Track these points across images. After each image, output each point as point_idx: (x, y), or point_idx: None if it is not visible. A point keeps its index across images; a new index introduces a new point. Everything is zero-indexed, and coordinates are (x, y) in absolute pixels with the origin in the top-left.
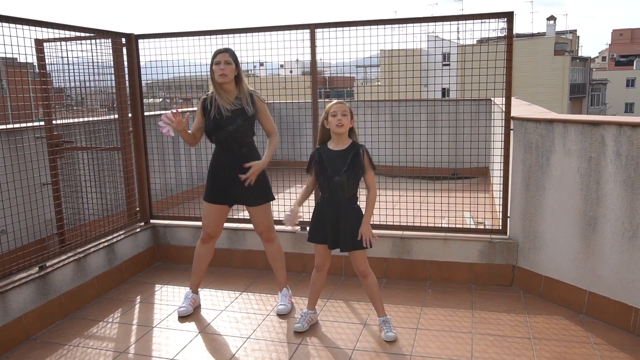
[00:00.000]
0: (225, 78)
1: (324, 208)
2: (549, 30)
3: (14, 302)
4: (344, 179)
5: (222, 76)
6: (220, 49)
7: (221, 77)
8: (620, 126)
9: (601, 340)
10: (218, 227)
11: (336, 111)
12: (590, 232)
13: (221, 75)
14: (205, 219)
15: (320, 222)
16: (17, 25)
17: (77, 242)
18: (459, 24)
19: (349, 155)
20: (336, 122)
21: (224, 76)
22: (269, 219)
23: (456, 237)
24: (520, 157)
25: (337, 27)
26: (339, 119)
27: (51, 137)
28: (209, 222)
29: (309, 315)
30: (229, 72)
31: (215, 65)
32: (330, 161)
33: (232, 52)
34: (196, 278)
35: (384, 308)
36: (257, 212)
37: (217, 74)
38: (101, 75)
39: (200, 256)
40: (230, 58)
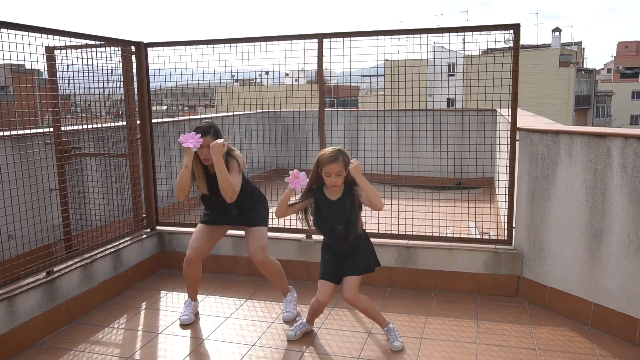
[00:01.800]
0: (210, 161)
1: (330, 250)
2: (554, 42)
3: (21, 307)
4: (348, 227)
5: (206, 160)
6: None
7: (205, 160)
8: (626, 138)
9: (606, 352)
10: (208, 245)
11: (330, 172)
12: (596, 244)
13: (204, 159)
14: (195, 236)
15: (328, 261)
16: (29, 32)
17: (83, 248)
18: (466, 35)
19: (347, 203)
20: (331, 183)
21: (208, 161)
22: (261, 240)
23: (461, 247)
24: (525, 168)
25: (344, 37)
26: (333, 180)
27: (60, 144)
28: (198, 238)
29: (305, 326)
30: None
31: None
32: (329, 210)
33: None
34: (192, 291)
35: (384, 319)
36: (250, 232)
37: (201, 157)
38: (110, 82)
39: (189, 277)
40: (212, 138)
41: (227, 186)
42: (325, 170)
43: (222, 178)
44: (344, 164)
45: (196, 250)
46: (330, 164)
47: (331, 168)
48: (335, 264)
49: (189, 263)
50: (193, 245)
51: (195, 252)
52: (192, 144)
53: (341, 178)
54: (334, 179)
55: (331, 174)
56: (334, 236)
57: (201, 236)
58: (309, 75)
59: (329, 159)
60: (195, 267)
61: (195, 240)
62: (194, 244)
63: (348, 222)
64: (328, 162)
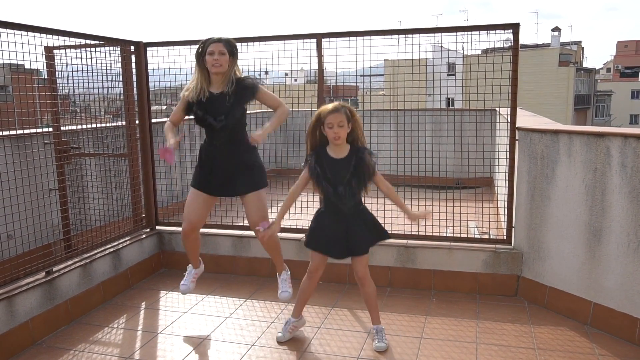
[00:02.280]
0: (219, 68)
1: (328, 218)
2: (554, 41)
3: (21, 307)
4: (348, 189)
5: (216, 67)
6: (214, 38)
7: (214, 67)
8: (626, 138)
9: (606, 351)
10: (202, 215)
11: (332, 123)
12: (595, 243)
13: (214, 65)
14: (189, 206)
15: (325, 232)
16: (29, 32)
17: (83, 248)
18: (465, 34)
19: (352, 162)
20: (333, 135)
21: (219, 67)
22: (263, 207)
23: (460, 246)
24: (525, 168)
25: (343, 37)
26: (336, 131)
27: (59, 143)
28: (193, 209)
29: (292, 323)
30: (223, 62)
31: (209, 55)
32: (331, 169)
33: (227, 41)
34: (194, 260)
35: (379, 316)
36: (249, 201)
37: (210, 64)
38: (109, 82)
39: (190, 248)
40: (224, 48)
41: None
42: (327, 121)
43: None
44: (346, 115)
45: (191, 222)
46: (332, 114)
47: (333, 118)
48: (333, 237)
49: (186, 235)
50: (189, 218)
51: (190, 225)
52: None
53: (344, 130)
54: (336, 129)
55: (333, 125)
56: (334, 199)
57: (196, 205)
58: (308, 75)
59: (331, 110)
60: (194, 237)
61: (190, 213)
62: (189, 216)
63: (349, 183)
64: (330, 112)
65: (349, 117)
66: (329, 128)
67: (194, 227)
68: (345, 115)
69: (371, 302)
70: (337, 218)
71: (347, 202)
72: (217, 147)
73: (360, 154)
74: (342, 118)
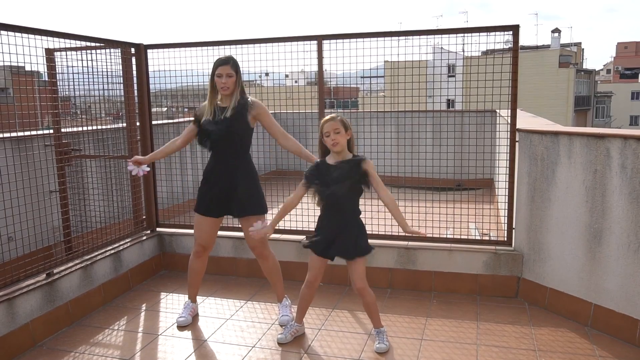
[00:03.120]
0: (227, 91)
1: (324, 221)
2: (554, 43)
3: (21, 309)
4: (341, 189)
5: (224, 89)
6: (222, 60)
7: (223, 90)
8: (626, 139)
9: (606, 353)
10: (212, 238)
11: (328, 131)
12: (596, 245)
13: (223, 88)
14: (197, 231)
15: (321, 235)
16: (29, 34)
17: (83, 250)
18: (465, 36)
19: (350, 166)
20: (331, 142)
21: (226, 89)
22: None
23: (461, 248)
24: (525, 169)
25: (343, 39)
26: (333, 138)
27: (60, 145)
28: (202, 233)
29: (295, 327)
30: (230, 85)
31: (217, 77)
32: (329, 174)
33: (234, 63)
34: (193, 289)
35: (380, 320)
36: (247, 224)
37: (219, 86)
38: (110, 84)
39: (195, 270)
40: (232, 70)
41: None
42: (325, 130)
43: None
44: (341, 123)
45: (205, 241)
46: (327, 122)
47: (328, 126)
48: (325, 238)
49: (198, 255)
50: (199, 241)
51: (201, 246)
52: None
53: (341, 136)
54: (333, 136)
55: (330, 132)
56: (328, 201)
57: (207, 227)
58: (308, 76)
59: (327, 120)
60: (203, 259)
61: (201, 234)
62: (199, 239)
63: (344, 185)
64: (325, 122)
65: (345, 125)
66: (326, 137)
67: (206, 247)
68: (341, 122)
69: (372, 310)
70: (332, 221)
71: (342, 203)
72: (219, 163)
73: (357, 161)
74: (338, 125)
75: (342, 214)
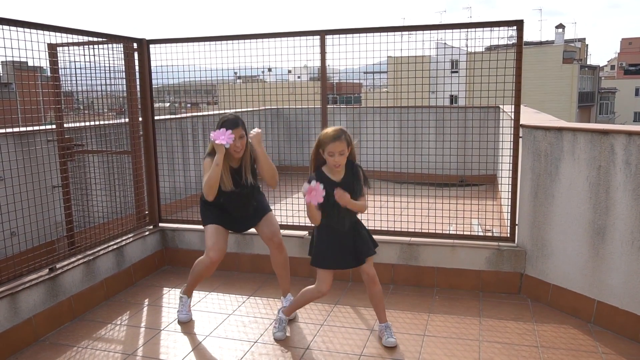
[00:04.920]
0: (240, 153)
1: (331, 234)
2: (558, 39)
3: (24, 304)
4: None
5: (238, 152)
6: (231, 122)
7: (236, 153)
8: (630, 135)
9: (609, 349)
10: (226, 244)
11: (333, 152)
12: (599, 241)
13: (236, 151)
14: (212, 238)
15: (332, 248)
16: (32, 30)
17: (86, 245)
18: (469, 31)
19: (352, 182)
20: (333, 162)
21: (240, 151)
22: (274, 223)
23: (464, 244)
24: (529, 165)
25: (346, 34)
26: (337, 160)
27: (62, 141)
28: (218, 239)
29: (286, 321)
30: (242, 145)
31: None
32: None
33: (243, 123)
34: (192, 288)
35: (385, 314)
36: (262, 224)
37: (232, 149)
38: (112, 79)
39: (202, 276)
40: (243, 131)
41: (274, 171)
42: (329, 149)
43: (269, 165)
44: (347, 142)
45: (220, 251)
46: (334, 142)
47: (334, 147)
48: (340, 250)
49: (213, 264)
50: (218, 247)
51: (220, 254)
52: (225, 141)
53: (344, 158)
54: (337, 158)
55: (334, 153)
56: (338, 218)
57: (221, 236)
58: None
59: (333, 138)
60: (212, 269)
61: (217, 242)
62: (217, 245)
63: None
64: (331, 141)
65: (349, 143)
66: (329, 156)
67: (221, 256)
68: (346, 141)
69: (380, 301)
70: (340, 234)
71: (345, 223)
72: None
73: (354, 174)
74: (344, 147)
75: (349, 223)
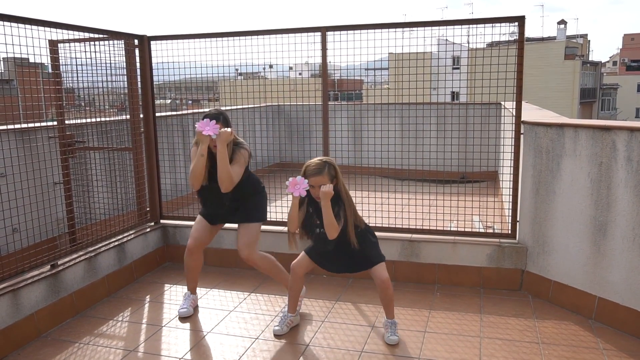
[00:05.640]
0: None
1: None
2: (560, 34)
3: (26, 300)
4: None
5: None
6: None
7: (213, 147)
8: (632, 131)
9: (610, 346)
10: (208, 236)
11: (314, 185)
12: (601, 238)
13: (213, 145)
14: (195, 227)
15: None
16: (33, 26)
17: (87, 241)
18: (470, 27)
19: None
20: (314, 194)
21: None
22: (251, 238)
23: (465, 240)
24: (530, 162)
25: (348, 30)
26: (316, 192)
27: (64, 137)
28: (198, 233)
29: (290, 318)
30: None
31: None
32: (319, 215)
33: (225, 118)
34: (192, 283)
35: (394, 312)
36: (241, 227)
37: (212, 144)
38: (113, 76)
39: (190, 267)
40: (221, 125)
41: (225, 175)
42: (310, 182)
43: (223, 167)
44: (329, 176)
45: (196, 239)
46: (314, 176)
47: (315, 181)
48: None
49: (190, 252)
50: (194, 235)
51: (195, 242)
52: (211, 131)
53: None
54: (317, 190)
55: (315, 187)
56: (324, 242)
57: (202, 227)
58: (312, 68)
59: (313, 171)
60: (196, 256)
61: (196, 230)
62: (195, 233)
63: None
64: (312, 174)
65: (332, 177)
66: (311, 187)
67: (199, 244)
68: (329, 175)
69: (390, 302)
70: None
71: (329, 243)
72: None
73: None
74: (325, 181)
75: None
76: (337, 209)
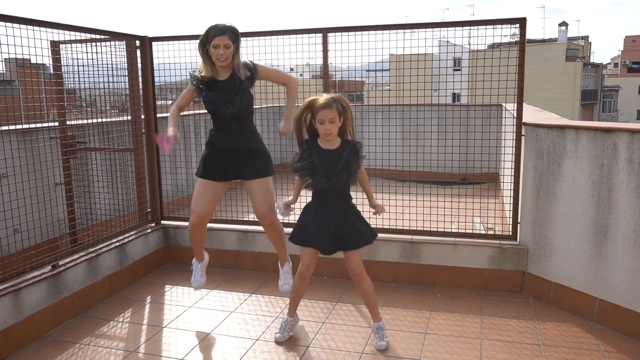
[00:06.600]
0: (225, 62)
1: (316, 212)
2: (561, 36)
3: (27, 300)
4: (341, 181)
5: (221, 60)
6: (218, 29)
7: (220, 61)
8: (633, 133)
9: (611, 348)
10: (211, 207)
11: (323, 119)
12: (602, 239)
13: (219, 59)
14: (197, 199)
15: (313, 226)
16: (34, 27)
17: (88, 242)
18: (472, 29)
19: (343, 154)
20: (324, 131)
21: (224, 60)
22: (270, 197)
23: (466, 242)
24: (531, 163)
25: (349, 32)
26: (327, 128)
27: (65, 138)
28: (202, 201)
29: (289, 323)
30: (228, 55)
31: (214, 48)
32: (322, 161)
33: (232, 32)
34: (199, 252)
35: (379, 313)
36: (255, 188)
37: (215, 57)
38: (115, 77)
39: (196, 240)
40: (229, 41)
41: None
42: (319, 117)
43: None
44: (338, 111)
45: (199, 215)
46: (324, 110)
47: (325, 114)
48: (320, 229)
49: (194, 228)
50: (197, 211)
51: (199, 218)
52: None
53: (335, 126)
54: (327, 126)
55: (325, 121)
56: (324, 192)
57: (205, 197)
58: (314, 70)
59: (323, 105)
60: (201, 230)
61: (198, 205)
62: (198, 208)
63: (339, 176)
64: (321, 108)
65: (341, 112)
66: (319, 124)
67: (202, 220)
68: (337, 110)
69: (369, 299)
70: (325, 211)
71: (340, 194)
72: (226, 134)
73: (352, 147)
74: (334, 114)
75: (338, 203)
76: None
